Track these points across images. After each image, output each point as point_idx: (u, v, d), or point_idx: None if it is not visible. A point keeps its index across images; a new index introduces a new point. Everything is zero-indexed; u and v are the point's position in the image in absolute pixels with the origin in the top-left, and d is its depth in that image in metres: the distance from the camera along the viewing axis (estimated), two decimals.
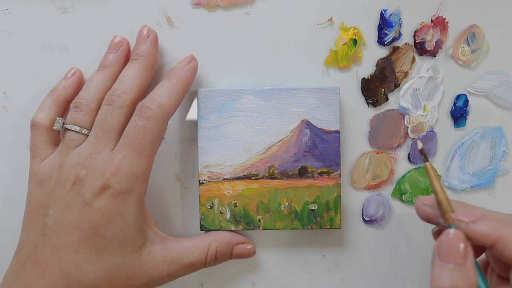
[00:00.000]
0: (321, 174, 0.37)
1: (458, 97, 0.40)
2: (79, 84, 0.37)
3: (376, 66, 0.40)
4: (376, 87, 0.40)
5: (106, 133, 0.33)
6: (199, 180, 0.37)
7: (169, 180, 0.40)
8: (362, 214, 0.40)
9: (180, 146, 0.39)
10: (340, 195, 0.37)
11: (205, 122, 0.36)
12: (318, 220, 0.37)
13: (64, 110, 0.37)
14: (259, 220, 0.37)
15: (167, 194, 0.40)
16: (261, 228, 0.37)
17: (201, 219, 0.37)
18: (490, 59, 0.40)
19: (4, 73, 0.39)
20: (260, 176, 0.37)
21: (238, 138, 0.36)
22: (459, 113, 0.40)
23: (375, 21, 0.39)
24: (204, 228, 0.37)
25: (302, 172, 0.37)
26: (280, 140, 0.37)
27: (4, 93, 0.39)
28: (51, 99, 0.36)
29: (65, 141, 0.35)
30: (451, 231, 0.29)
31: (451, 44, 0.40)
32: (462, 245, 0.28)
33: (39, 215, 0.33)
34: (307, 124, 0.37)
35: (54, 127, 0.35)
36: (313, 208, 0.37)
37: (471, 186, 0.40)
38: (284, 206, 0.37)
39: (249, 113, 0.36)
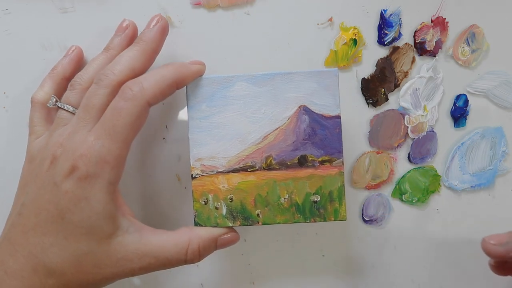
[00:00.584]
0: (322, 162, 0.34)
1: (458, 97, 0.40)
2: (78, 62, 0.37)
3: (376, 66, 0.40)
4: (376, 87, 0.40)
5: (87, 112, 0.32)
6: (192, 174, 0.34)
7: (170, 181, 0.40)
8: (362, 214, 0.40)
9: (180, 146, 0.39)
10: (343, 185, 0.34)
11: (195, 112, 0.34)
12: (321, 212, 0.35)
13: (63, 88, 0.37)
14: (258, 214, 0.35)
15: (167, 194, 0.40)
16: (260, 223, 0.35)
17: (195, 216, 0.35)
18: (490, 59, 0.40)
19: (4, 73, 0.39)
20: (257, 167, 0.35)
21: (231, 128, 0.34)
22: (459, 113, 0.40)
23: (375, 21, 0.39)
24: (198, 225, 0.35)
25: (302, 162, 0.35)
26: (277, 128, 0.35)
27: (4, 93, 0.39)
28: (49, 77, 0.37)
29: (56, 120, 0.34)
30: None
31: (451, 44, 0.40)
32: None
33: (23, 193, 0.33)
34: (305, 110, 0.34)
35: (48, 104, 0.35)
36: (316, 199, 0.35)
37: (471, 186, 0.40)
38: (284, 198, 0.35)
39: (242, 101, 0.34)
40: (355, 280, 0.41)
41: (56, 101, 0.35)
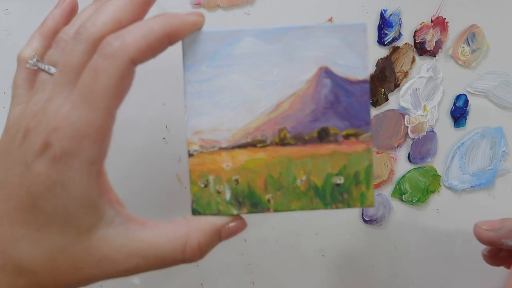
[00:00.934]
0: (347, 137, 0.28)
1: (458, 97, 0.40)
2: (71, 13, 0.32)
3: (376, 66, 0.40)
4: (376, 87, 0.40)
5: (63, 75, 0.26)
6: (189, 151, 0.28)
7: (170, 181, 0.40)
8: (362, 214, 0.40)
9: (180, 146, 0.39)
10: (372, 164, 0.28)
11: (193, 74, 0.28)
12: (345, 198, 0.28)
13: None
14: (269, 200, 0.29)
15: (167, 194, 0.40)
16: (271, 210, 0.29)
17: (193, 201, 0.29)
18: (490, 59, 0.40)
19: (4, 73, 0.39)
20: (268, 142, 0.28)
21: (237, 94, 0.28)
22: (459, 113, 0.40)
23: (375, 21, 0.39)
24: (197, 213, 0.29)
25: (323, 136, 0.28)
26: (293, 95, 0.28)
27: (4, 93, 0.39)
28: (39, 31, 0.31)
29: (36, 83, 0.28)
30: None
31: (451, 44, 0.40)
32: None
33: None
34: (326, 72, 0.28)
35: (27, 65, 0.30)
36: (339, 182, 0.29)
37: (471, 186, 0.40)
38: (301, 180, 0.29)
39: (251, 60, 0.28)
40: (355, 280, 0.41)
41: (38, 61, 0.29)
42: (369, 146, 0.28)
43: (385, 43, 0.39)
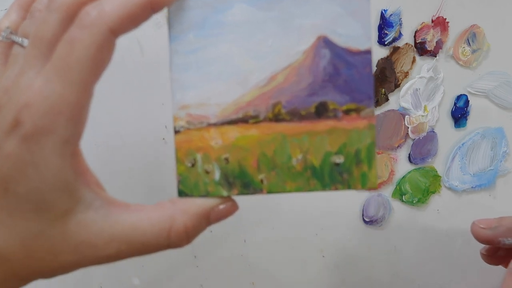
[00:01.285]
0: (347, 112, 0.26)
1: (458, 97, 0.40)
2: None
3: (376, 66, 0.39)
4: (377, 88, 0.40)
5: (35, 47, 0.24)
6: (174, 127, 0.26)
7: (169, 181, 0.40)
8: (363, 215, 0.40)
9: None
10: (375, 142, 0.26)
11: (180, 44, 0.26)
12: (345, 178, 0.26)
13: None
14: (262, 180, 0.26)
15: (167, 195, 0.40)
16: (264, 191, 0.26)
17: (179, 181, 0.27)
18: (491, 59, 0.40)
19: None
20: (261, 118, 0.26)
21: (227, 65, 0.26)
22: (459, 113, 0.40)
23: (375, 21, 0.39)
24: (183, 195, 0.27)
25: (321, 111, 0.26)
26: (288, 66, 0.26)
27: None
28: (16, 2, 0.29)
29: (10, 57, 0.27)
30: None
31: (451, 44, 0.40)
32: None
33: None
34: (325, 41, 0.26)
35: (0, 38, 0.27)
36: (338, 161, 0.26)
37: (472, 187, 0.40)
38: (297, 159, 0.26)
39: (243, 29, 0.26)
40: (356, 280, 0.41)
41: (11, 33, 0.27)
42: (372, 122, 0.25)
43: (386, 43, 0.39)
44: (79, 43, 0.23)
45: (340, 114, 0.26)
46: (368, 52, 0.25)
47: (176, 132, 0.26)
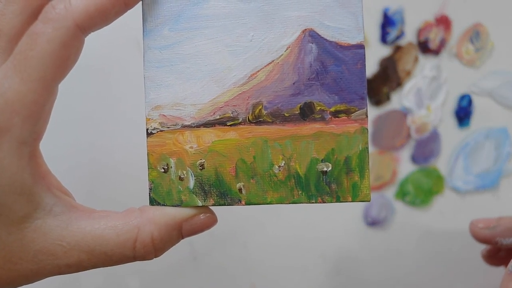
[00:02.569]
0: (336, 114, 0.23)
1: (462, 96, 0.39)
2: None
3: (378, 65, 0.39)
4: (379, 87, 0.39)
5: None
6: (147, 129, 0.24)
7: None
8: (365, 216, 0.40)
9: None
10: (367, 148, 0.24)
11: (154, 39, 0.24)
12: (333, 189, 0.24)
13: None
14: (240, 189, 0.24)
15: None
16: (243, 202, 0.24)
17: (150, 189, 0.25)
18: (495, 58, 0.39)
19: None
20: (240, 120, 0.24)
21: (204, 62, 0.24)
22: (463, 113, 0.39)
23: (377, 19, 0.39)
24: (155, 203, 0.25)
25: (306, 112, 0.24)
26: (270, 63, 0.24)
27: None
28: None
29: None
30: None
31: (454, 43, 0.39)
32: None
33: None
34: (311, 35, 0.23)
35: None
36: (325, 169, 0.24)
37: (475, 187, 0.40)
38: (279, 167, 0.24)
39: (222, 23, 0.24)
40: (357, 282, 0.40)
41: None
42: (364, 125, 0.23)
43: (388, 42, 0.39)
44: (42, 37, 0.21)
45: (328, 116, 0.23)
46: (360, 47, 0.23)
47: (149, 134, 0.24)
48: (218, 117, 0.24)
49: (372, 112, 0.39)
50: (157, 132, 0.24)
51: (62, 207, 0.23)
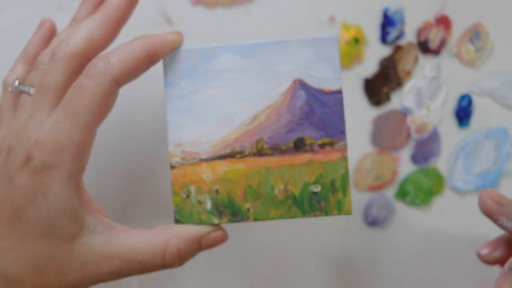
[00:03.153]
0: (322, 146, 0.30)
1: (462, 96, 0.39)
2: (49, 37, 0.33)
3: (378, 65, 0.39)
4: (379, 87, 0.39)
5: (41, 93, 0.28)
6: (170, 163, 0.30)
7: (168, 183, 0.39)
8: (365, 216, 0.40)
9: None
10: (348, 172, 0.30)
11: (174, 90, 0.30)
12: (322, 206, 0.30)
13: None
14: (248, 209, 0.30)
15: (166, 197, 0.39)
16: (251, 219, 0.30)
17: (175, 212, 0.30)
18: (495, 58, 0.39)
19: (5, 73, 0.39)
20: (246, 153, 0.30)
21: (216, 108, 0.30)
22: (463, 113, 0.39)
23: (377, 19, 0.39)
24: (179, 223, 0.31)
25: (299, 145, 0.30)
26: (269, 107, 0.30)
27: None
28: (22, 57, 0.33)
29: (19, 105, 0.30)
30: None
31: (455, 43, 0.39)
32: None
33: None
34: (301, 84, 0.30)
35: (9, 89, 0.31)
36: (316, 190, 0.30)
37: (475, 187, 0.40)
38: (279, 189, 0.30)
39: (229, 76, 0.30)
40: (357, 281, 0.40)
41: (19, 84, 0.31)
42: (344, 154, 0.30)
43: (388, 42, 0.39)
44: (88, 90, 0.27)
45: (316, 148, 0.30)
46: (339, 92, 0.29)
47: (172, 167, 0.30)
48: (228, 151, 0.30)
49: (372, 112, 0.39)
50: (179, 165, 0.30)
51: (103, 226, 0.28)
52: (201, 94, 0.30)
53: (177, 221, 0.30)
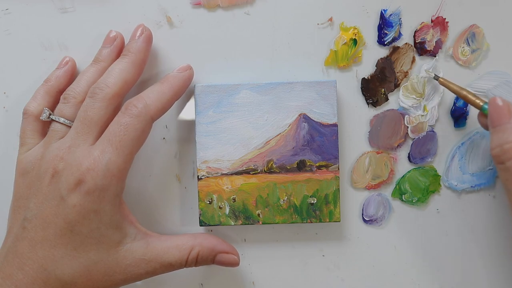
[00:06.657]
0: (319, 167, 0.37)
1: (458, 97, 0.40)
2: (72, 74, 0.37)
3: (376, 66, 0.39)
4: (376, 87, 0.40)
5: (85, 126, 0.33)
6: (198, 176, 0.37)
7: (170, 181, 0.40)
8: (362, 214, 0.40)
9: (179, 146, 0.39)
10: (339, 189, 0.37)
11: (202, 117, 0.37)
12: (317, 214, 0.37)
13: (55, 100, 0.37)
14: (258, 214, 0.37)
15: (167, 194, 0.40)
16: (260, 222, 0.37)
17: (200, 214, 0.37)
18: (490, 59, 0.40)
19: (4, 73, 0.39)
20: (259, 170, 0.37)
21: (236, 133, 0.37)
22: (459, 113, 0.40)
23: (375, 21, 0.39)
24: (203, 224, 0.37)
25: (301, 166, 0.37)
26: (278, 134, 0.37)
27: (4, 93, 0.39)
28: (44, 89, 0.37)
29: (50, 132, 0.35)
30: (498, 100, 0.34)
31: (451, 44, 0.40)
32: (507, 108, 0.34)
33: (21, 206, 0.34)
34: (304, 117, 0.37)
35: (41, 117, 0.36)
36: (312, 201, 0.37)
37: (471, 186, 0.40)
38: (283, 200, 0.37)
39: (247, 108, 0.37)
40: (355, 280, 0.41)
41: (50, 114, 0.35)
42: (337, 174, 0.37)
43: (385, 43, 0.39)
44: (131, 126, 0.32)
45: (314, 169, 0.37)
46: (335, 125, 0.37)
47: (199, 179, 0.37)
48: (244, 168, 0.37)
49: (370, 112, 0.40)
50: (205, 177, 0.37)
51: (141, 234, 0.35)
52: (225, 122, 0.37)
53: (201, 222, 0.37)
